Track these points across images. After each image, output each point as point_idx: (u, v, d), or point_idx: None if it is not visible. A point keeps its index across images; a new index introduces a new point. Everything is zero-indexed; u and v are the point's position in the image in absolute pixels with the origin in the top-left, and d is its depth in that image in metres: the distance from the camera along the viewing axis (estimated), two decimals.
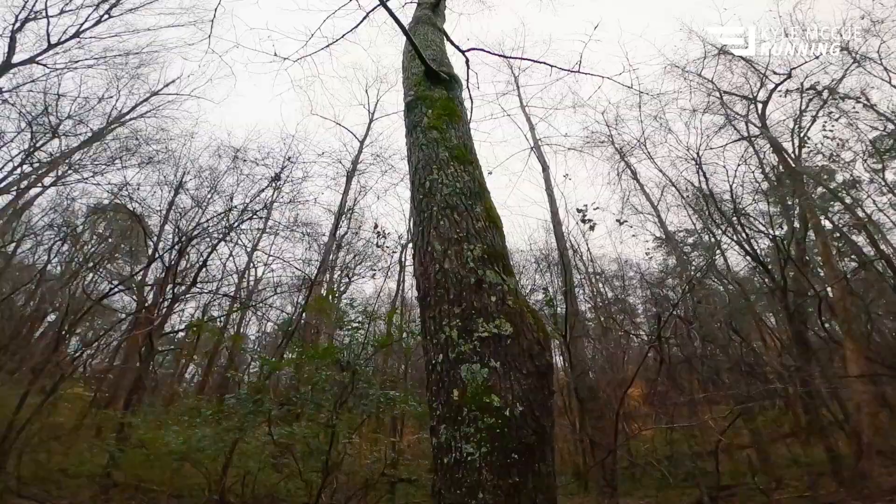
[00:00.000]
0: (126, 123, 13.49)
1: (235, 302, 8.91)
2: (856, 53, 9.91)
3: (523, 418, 1.80)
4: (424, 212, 2.41)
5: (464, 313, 2.04)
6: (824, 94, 9.89)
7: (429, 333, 2.11)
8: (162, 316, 7.91)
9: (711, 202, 11.05)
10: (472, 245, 2.26)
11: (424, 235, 2.35)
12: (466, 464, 1.68)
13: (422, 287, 2.26)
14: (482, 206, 2.50)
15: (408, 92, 3.33)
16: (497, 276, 2.22)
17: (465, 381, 1.86)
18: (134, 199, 9.34)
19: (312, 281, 8.99)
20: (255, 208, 8.88)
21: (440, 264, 2.21)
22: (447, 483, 1.70)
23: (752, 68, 10.91)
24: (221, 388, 14.31)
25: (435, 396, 1.93)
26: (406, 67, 3.63)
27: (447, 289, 2.13)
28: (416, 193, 2.55)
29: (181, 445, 4.70)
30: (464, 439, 1.73)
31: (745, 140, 11.61)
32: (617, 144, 15.06)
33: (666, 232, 15.75)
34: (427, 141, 2.74)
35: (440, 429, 1.83)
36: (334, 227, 11.60)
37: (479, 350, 1.93)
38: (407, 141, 3.04)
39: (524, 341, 2.04)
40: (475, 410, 1.78)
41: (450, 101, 3.09)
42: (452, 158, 2.62)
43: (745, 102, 11.20)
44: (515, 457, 1.69)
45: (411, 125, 3.01)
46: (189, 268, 9.47)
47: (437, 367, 1.97)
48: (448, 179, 2.50)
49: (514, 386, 1.86)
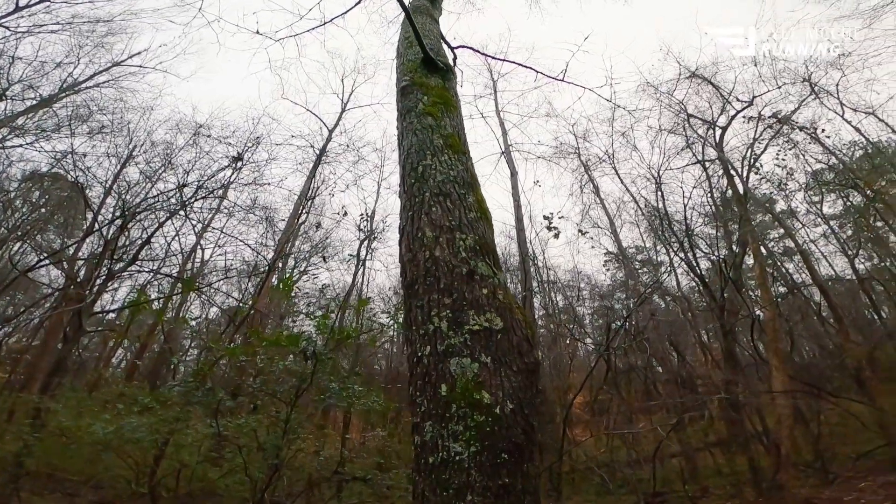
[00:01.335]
0: (81, 91, 12.53)
1: (178, 283, 8.25)
2: (815, 85, 10.65)
3: (513, 416, 1.72)
4: (416, 196, 2.30)
5: (454, 304, 1.94)
6: (777, 124, 10.58)
7: (415, 323, 1.99)
8: (94, 294, 7.20)
9: (666, 221, 11.57)
10: (464, 235, 2.17)
11: (415, 220, 2.23)
12: (454, 464, 1.57)
13: (409, 274, 2.13)
14: (474, 198, 2.42)
15: (402, 77, 3.25)
16: (489, 269, 2.14)
17: (455, 375, 1.76)
18: (78, 167, 8.49)
19: (270, 265, 8.52)
20: (211, 187, 8.32)
21: (431, 251, 2.10)
22: (432, 484, 1.58)
23: (718, 94, 11.50)
24: (153, 374, 13.38)
25: (420, 391, 1.82)
26: (401, 53, 3.59)
27: (437, 277, 2.02)
28: (408, 178, 2.43)
29: (109, 434, 4.27)
30: (452, 438, 1.62)
31: (699, 164, 12.25)
32: (583, 158, 15.51)
33: (620, 247, 16.39)
34: (422, 126, 2.64)
35: (425, 426, 1.71)
36: (294, 213, 11.13)
37: (470, 344, 1.84)
38: (399, 125, 2.94)
39: (514, 337, 1.97)
40: (464, 407, 1.68)
41: (445, 91, 3.04)
42: (447, 146, 2.53)
43: (706, 126, 11.81)
44: (505, 457, 1.61)
45: (405, 109, 2.91)
46: (129, 245, 8.72)
47: (424, 360, 1.86)
48: (442, 167, 2.41)
49: (505, 383, 1.78)
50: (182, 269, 10.78)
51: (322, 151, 13.53)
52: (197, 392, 3.86)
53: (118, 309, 11.38)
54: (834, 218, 14.22)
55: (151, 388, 10.20)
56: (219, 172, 8.72)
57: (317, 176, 13.25)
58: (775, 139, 11.02)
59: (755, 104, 10.97)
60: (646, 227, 16.44)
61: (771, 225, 18.02)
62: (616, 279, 22.56)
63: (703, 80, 11.58)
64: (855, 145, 11.96)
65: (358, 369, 7.27)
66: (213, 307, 12.98)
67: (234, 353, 4.20)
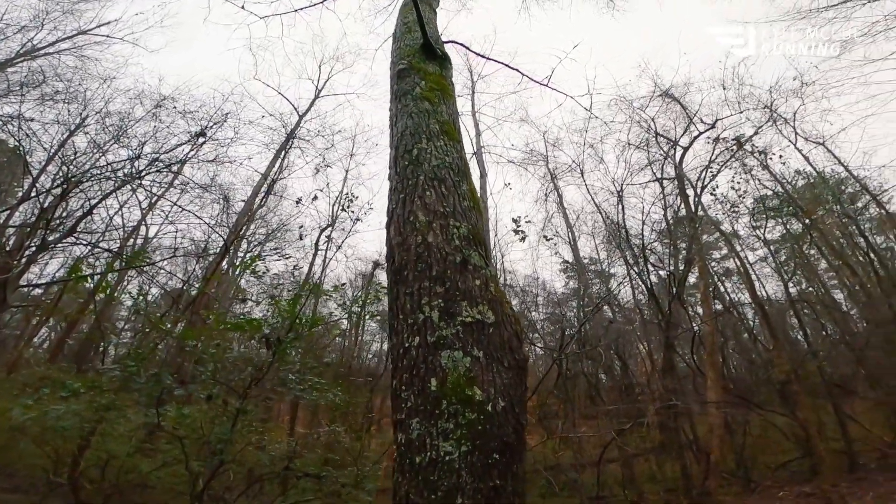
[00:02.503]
0: (38, 57, 11.48)
1: (118, 260, 7.56)
2: (774, 112, 11.31)
3: (504, 415, 1.63)
4: (409, 179, 2.17)
5: (447, 294, 1.83)
6: (734, 148, 11.19)
7: (403, 312, 1.86)
8: (23, 265, 6.45)
9: (623, 234, 11.98)
10: (458, 223, 2.07)
11: (407, 204, 2.10)
12: (444, 464, 1.46)
13: (398, 258, 2.00)
14: (468, 186, 2.33)
15: (399, 60, 3.19)
16: (481, 260, 2.05)
17: (446, 369, 1.65)
18: (23, 132, 7.60)
19: (227, 244, 7.97)
20: (166, 161, 7.68)
21: (423, 236, 1.98)
22: (418, 486, 1.46)
23: (686, 113, 12.01)
24: (80, 356, 12.31)
25: (406, 385, 1.69)
26: (399, 38, 3.56)
27: (430, 264, 1.91)
28: (401, 159, 2.30)
29: (29, 420, 3.81)
30: (441, 436, 1.51)
31: (658, 181, 12.78)
32: (551, 166, 15.81)
33: (577, 256, 16.84)
34: (418, 110, 2.55)
35: (411, 423, 1.59)
36: (253, 193, 10.54)
37: (462, 336, 1.74)
38: (393, 107, 2.84)
39: (505, 332, 1.89)
40: (456, 404, 1.57)
41: (442, 78, 3.00)
42: (443, 132, 2.45)
43: (669, 145, 12.31)
44: (497, 457, 1.52)
45: (401, 92, 2.82)
46: (68, 216, 7.92)
47: (412, 352, 1.73)
48: (438, 152, 2.30)
49: (496, 379, 1.70)
50: (123, 244, 9.93)
51: (290, 136, 13.00)
52: (139, 378, 3.49)
53: (47, 283, 10.33)
54: (773, 243, 15.28)
55: (78, 371, 9.35)
56: (178, 147, 8.11)
57: (283, 159, 12.72)
58: (730, 163, 11.66)
59: (717, 127, 11.55)
60: (601, 239, 17.00)
61: (715, 245, 19.17)
62: (569, 287, 23.24)
63: (673, 100, 12.08)
64: (799, 174, 12.92)
65: (310, 361, 6.97)
66: (154, 288, 12.12)
67: (189, 337, 3.83)
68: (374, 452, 12.40)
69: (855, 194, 13.03)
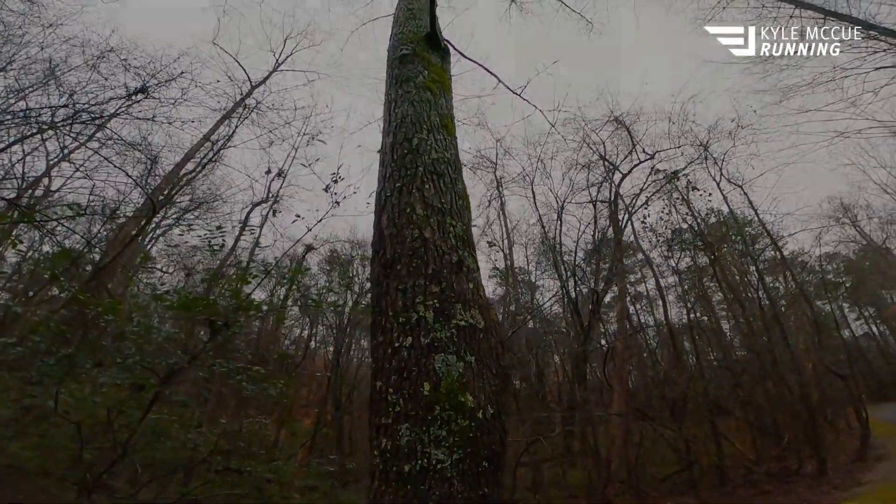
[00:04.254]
0: None
1: (15, 210, 6.39)
2: (707, 150, 12.44)
3: (493, 422, 1.59)
4: (408, 169, 2.06)
5: (442, 294, 1.76)
6: (662, 180, 12.19)
7: (393, 309, 1.75)
8: None
9: (558, 249, 12.56)
10: (454, 221, 2.00)
11: (404, 194, 1.99)
12: (435, 473, 1.39)
13: (390, 250, 1.89)
14: (462, 185, 2.27)
15: (401, 46, 3.06)
16: (474, 263, 2.00)
17: (440, 373, 1.58)
18: None
19: (154, 205, 7.01)
20: (95, 113, 6.65)
21: (420, 231, 1.89)
22: (407, 496, 1.37)
23: (631, 141, 12.84)
24: None
25: (394, 388, 1.59)
26: (401, 23, 3.42)
27: (426, 261, 1.82)
28: (399, 147, 2.18)
29: None
30: (433, 443, 1.44)
31: (592, 203, 13.58)
32: (498, 174, 16.15)
33: (510, 264, 17.37)
34: (420, 99, 2.46)
35: (400, 429, 1.49)
36: (185, 158, 9.51)
37: (457, 340, 1.67)
38: (392, 92, 2.71)
39: (492, 338, 1.85)
40: (449, 410, 1.51)
41: (443, 71, 2.95)
42: (442, 126, 2.38)
43: (610, 170, 13.12)
44: (486, 465, 1.48)
45: (403, 77, 2.70)
46: None
47: (403, 353, 1.63)
48: (437, 145, 2.22)
49: (486, 386, 1.65)
50: (20, 194, 8.49)
51: (238, 103, 11.99)
52: (48, 358, 2.95)
53: None
54: (681, 272, 16.86)
55: None
56: (111, 101, 7.07)
57: (228, 126, 11.71)
58: (659, 193, 12.71)
59: (655, 157, 12.53)
60: (533, 251, 17.69)
61: (632, 269, 20.76)
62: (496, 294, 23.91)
63: (622, 126, 12.89)
64: (712, 212, 14.42)
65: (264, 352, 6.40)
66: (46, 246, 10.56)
67: (113, 311, 3.27)
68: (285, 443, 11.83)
69: (756, 236, 14.79)
